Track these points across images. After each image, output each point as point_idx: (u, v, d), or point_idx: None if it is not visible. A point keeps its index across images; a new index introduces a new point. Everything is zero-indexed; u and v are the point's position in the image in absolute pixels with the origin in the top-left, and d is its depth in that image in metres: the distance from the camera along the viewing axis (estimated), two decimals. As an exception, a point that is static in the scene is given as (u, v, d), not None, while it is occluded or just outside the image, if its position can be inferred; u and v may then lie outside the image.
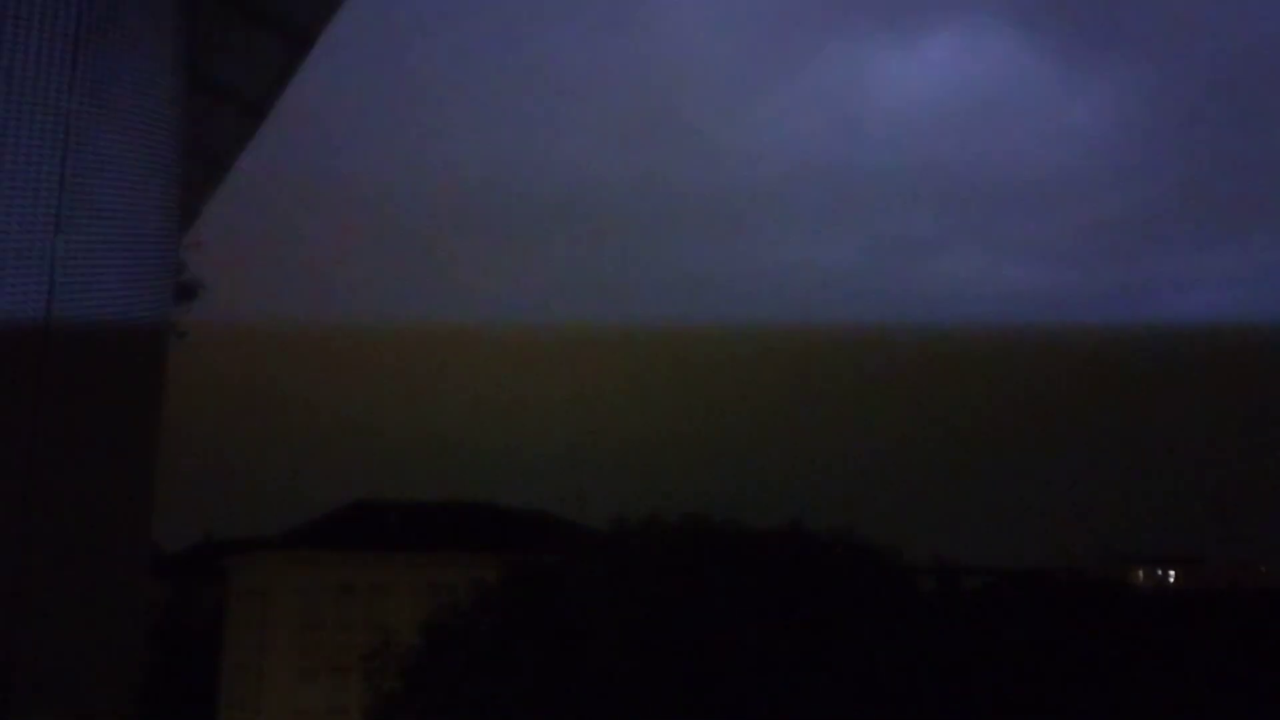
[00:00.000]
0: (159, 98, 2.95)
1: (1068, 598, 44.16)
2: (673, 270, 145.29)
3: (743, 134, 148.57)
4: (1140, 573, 76.49)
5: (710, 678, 36.16)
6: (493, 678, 37.37)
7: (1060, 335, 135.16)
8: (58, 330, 2.38)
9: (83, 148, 2.50)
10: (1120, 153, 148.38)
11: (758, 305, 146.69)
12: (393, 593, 57.37)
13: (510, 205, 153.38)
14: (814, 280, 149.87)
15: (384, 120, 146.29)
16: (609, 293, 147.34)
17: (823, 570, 39.68)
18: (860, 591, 39.09)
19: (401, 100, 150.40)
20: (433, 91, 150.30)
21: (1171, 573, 78.59)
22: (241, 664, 59.50)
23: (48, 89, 2.36)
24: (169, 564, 62.44)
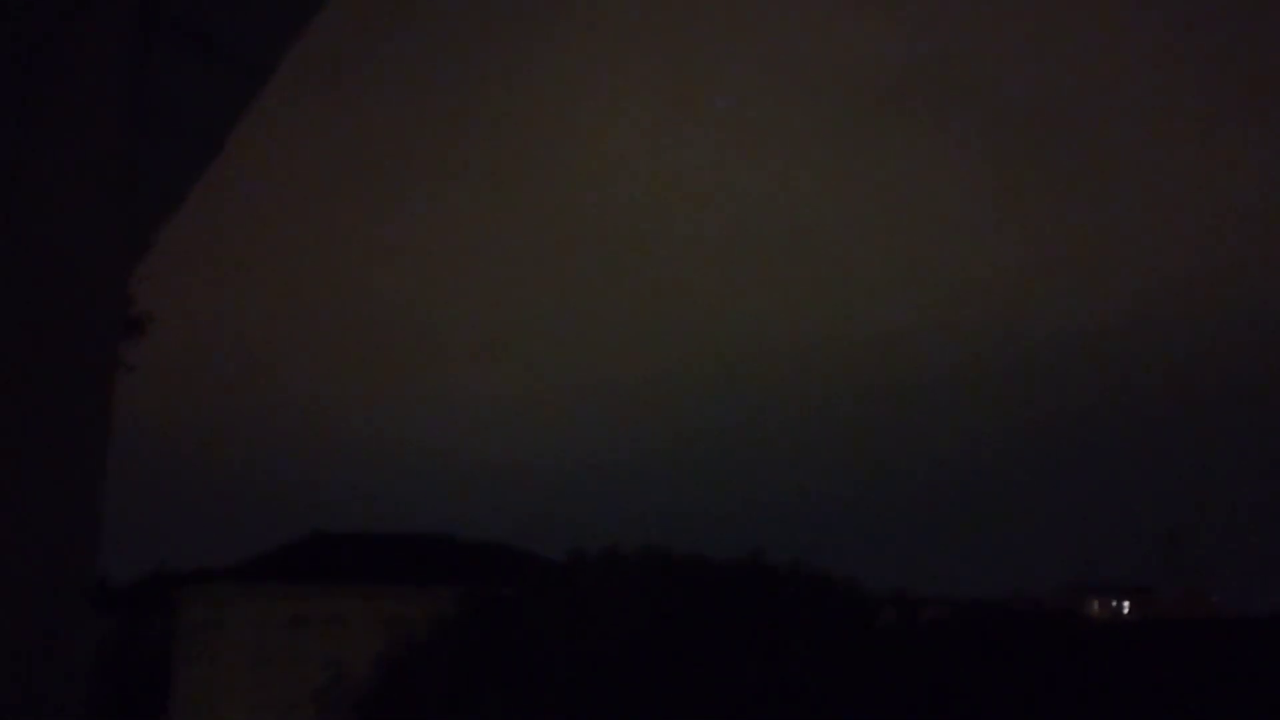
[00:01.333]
0: (106, 128, 2.94)
1: (1025, 629, 44.50)
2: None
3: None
4: (1095, 603, 77.26)
5: (670, 711, 35.94)
6: (450, 713, 36.87)
7: (1015, 364, 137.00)
8: None
9: (24, 177, 2.48)
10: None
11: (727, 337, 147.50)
12: (348, 626, 56.51)
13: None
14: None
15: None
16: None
17: (782, 603, 39.72)
18: (819, 624, 39.15)
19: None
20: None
21: (1125, 603, 79.46)
22: (191, 700, 58.23)
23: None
24: (118, 596, 61.12)
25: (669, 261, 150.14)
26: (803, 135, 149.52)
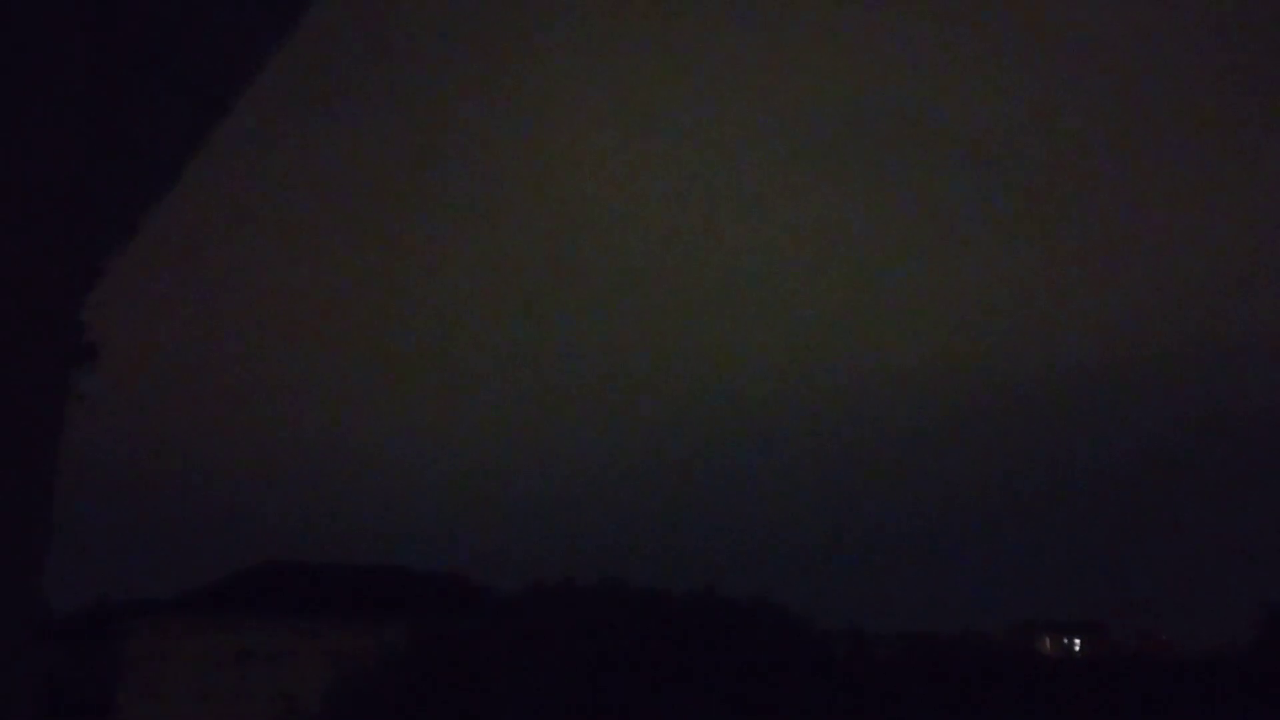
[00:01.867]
0: (60, 155, 2.94)
1: (977, 665, 44.75)
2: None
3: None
4: (1047, 640, 77.90)
5: (622, 747, 35.61)
6: (398, 748, 36.25)
7: (964, 400, 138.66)
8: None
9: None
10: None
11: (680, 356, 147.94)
12: (297, 660, 55.50)
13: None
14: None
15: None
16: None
17: (737, 637, 39.65)
18: (774, 659, 39.10)
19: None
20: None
21: (1077, 640, 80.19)
22: (133, 735, 56.72)
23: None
24: (57, 628, 59.58)
25: (630, 297, 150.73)
26: (762, 174, 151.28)
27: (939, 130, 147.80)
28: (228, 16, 3.11)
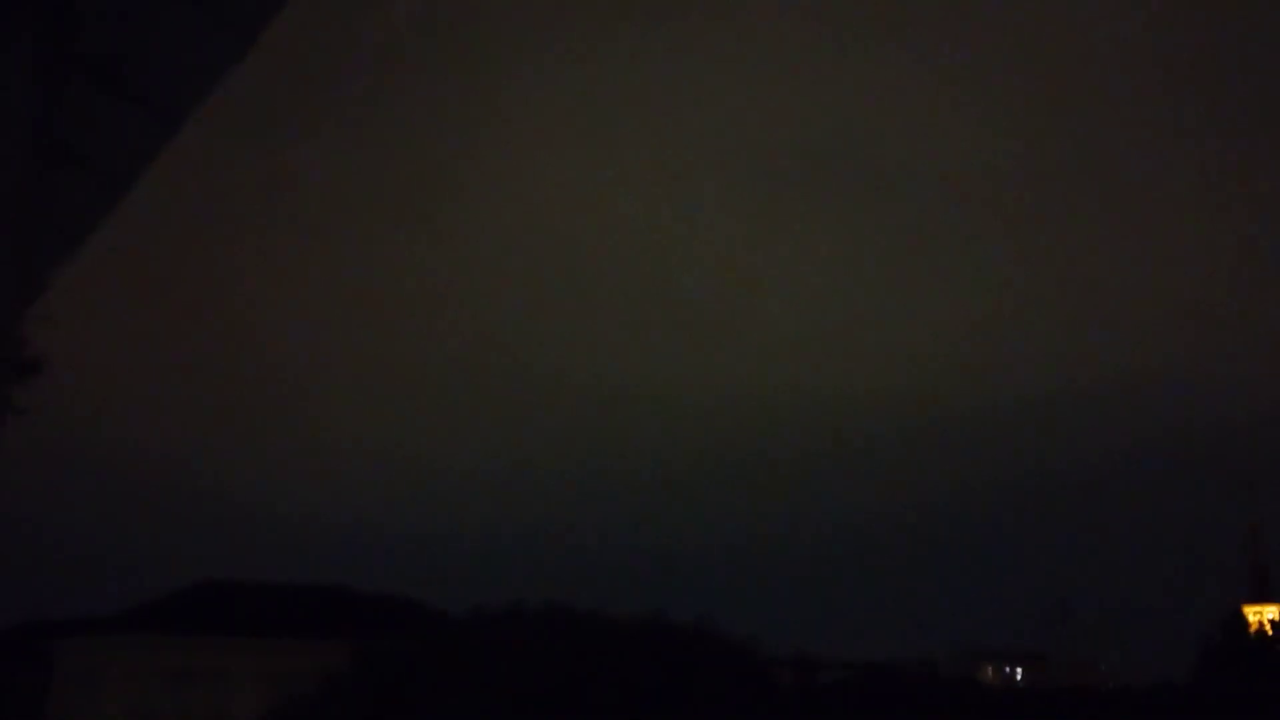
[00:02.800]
0: (5, 165, 2.90)
1: (920, 693, 45.05)
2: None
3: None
4: (989, 669, 78.67)
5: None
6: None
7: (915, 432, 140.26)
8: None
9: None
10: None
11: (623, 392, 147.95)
12: (235, 680, 54.36)
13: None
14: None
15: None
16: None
17: (683, 663, 39.55)
18: (719, 684, 39.05)
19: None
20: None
21: (1018, 670, 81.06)
22: (63, 758, 55.15)
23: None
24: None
25: (575, 319, 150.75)
26: (724, 203, 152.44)
27: (901, 166, 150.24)
28: (182, 33, 3.07)
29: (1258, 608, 66.34)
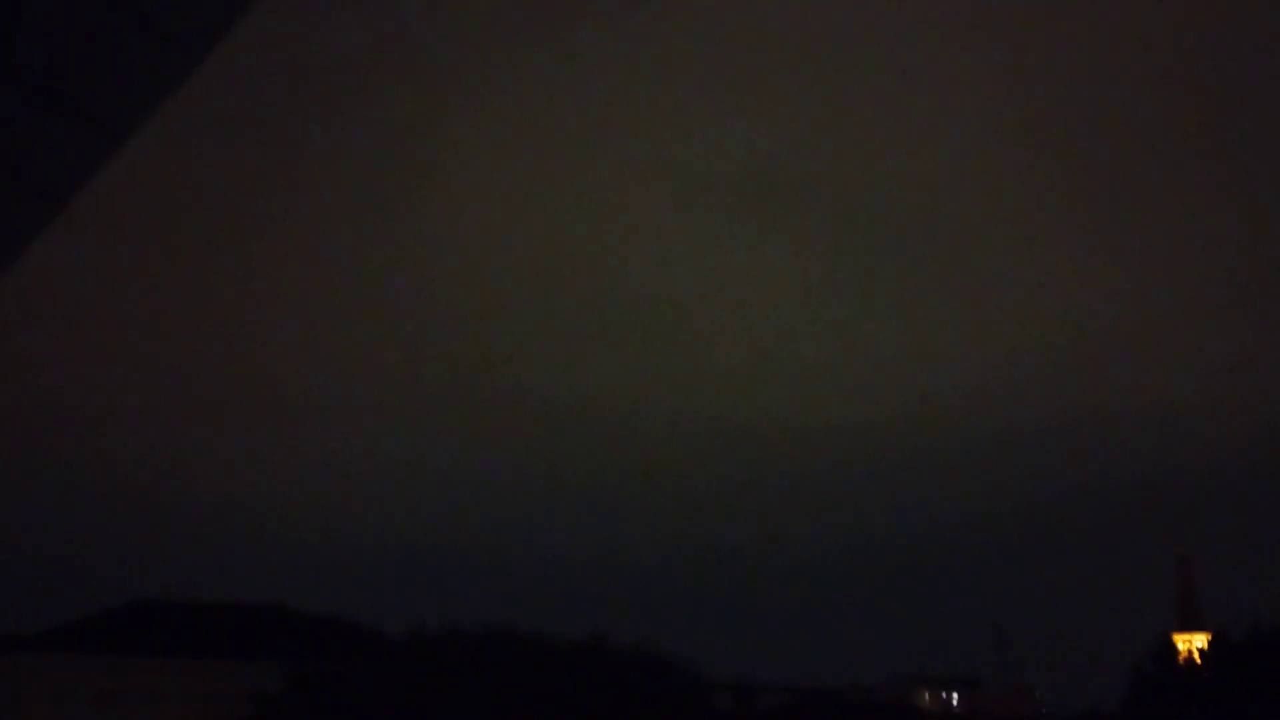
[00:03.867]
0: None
1: (859, 716, 45.31)
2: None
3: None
4: (926, 694, 79.34)
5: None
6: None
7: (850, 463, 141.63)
8: None
9: None
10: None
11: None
12: (165, 702, 53.02)
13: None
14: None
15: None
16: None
17: (623, 686, 39.37)
18: (660, 709, 38.92)
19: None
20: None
21: (954, 695, 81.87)
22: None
23: None
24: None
25: (522, 343, 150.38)
26: (663, 224, 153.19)
27: (847, 191, 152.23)
28: (126, 50, 3.03)
29: (1187, 636, 67.76)
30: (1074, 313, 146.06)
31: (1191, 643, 64.50)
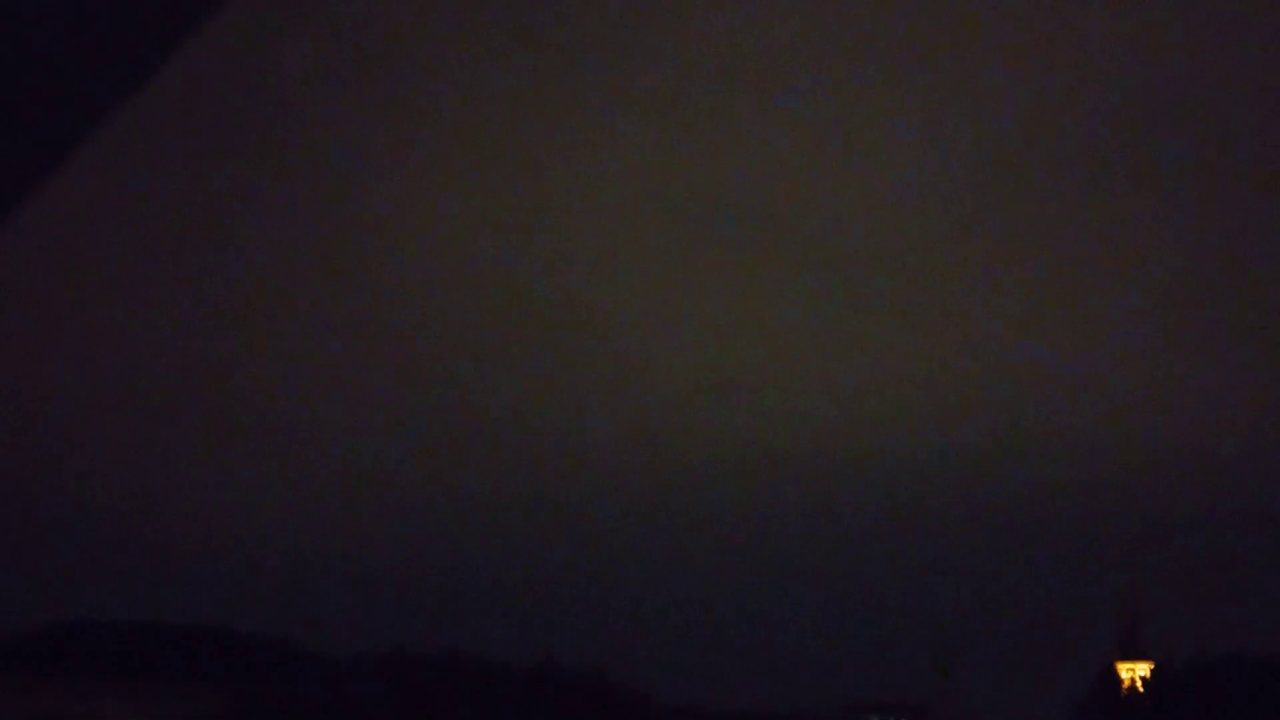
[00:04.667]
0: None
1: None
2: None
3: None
4: (874, 720, 79.74)
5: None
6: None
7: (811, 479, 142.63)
8: None
9: None
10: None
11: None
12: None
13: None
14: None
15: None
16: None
17: (574, 712, 39.27)
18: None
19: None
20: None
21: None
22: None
23: None
24: None
25: (471, 364, 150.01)
26: (621, 253, 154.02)
27: (805, 219, 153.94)
28: (69, 65, 3.01)
29: (1129, 665, 68.79)
30: (1025, 339, 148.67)
31: (1135, 672, 65.53)
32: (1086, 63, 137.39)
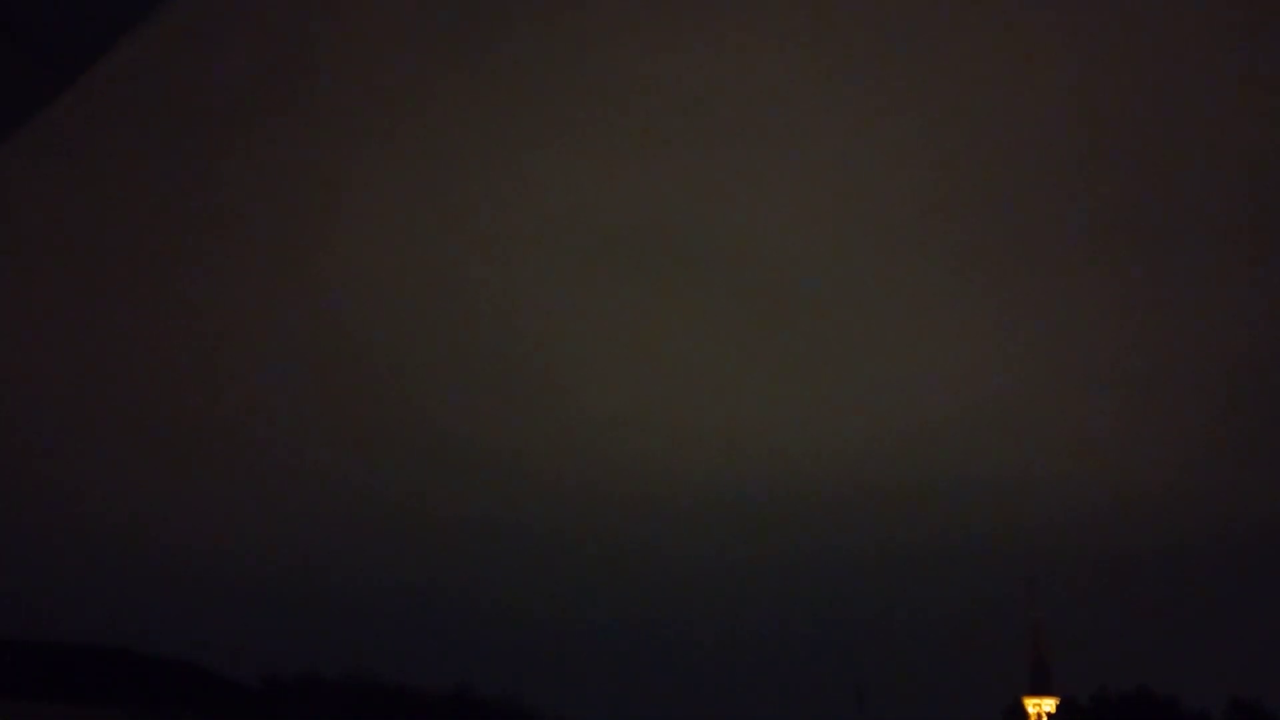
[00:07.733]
0: None
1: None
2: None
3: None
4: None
5: None
6: None
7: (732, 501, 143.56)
8: None
9: None
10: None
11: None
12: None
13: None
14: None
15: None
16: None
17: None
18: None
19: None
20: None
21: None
22: None
23: None
24: None
25: (390, 385, 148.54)
26: (544, 283, 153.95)
27: (746, 253, 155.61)
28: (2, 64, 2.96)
29: (1037, 700, 70.17)
30: (932, 381, 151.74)
31: (1041, 706, 66.86)
32: (1052, 94, 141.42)
